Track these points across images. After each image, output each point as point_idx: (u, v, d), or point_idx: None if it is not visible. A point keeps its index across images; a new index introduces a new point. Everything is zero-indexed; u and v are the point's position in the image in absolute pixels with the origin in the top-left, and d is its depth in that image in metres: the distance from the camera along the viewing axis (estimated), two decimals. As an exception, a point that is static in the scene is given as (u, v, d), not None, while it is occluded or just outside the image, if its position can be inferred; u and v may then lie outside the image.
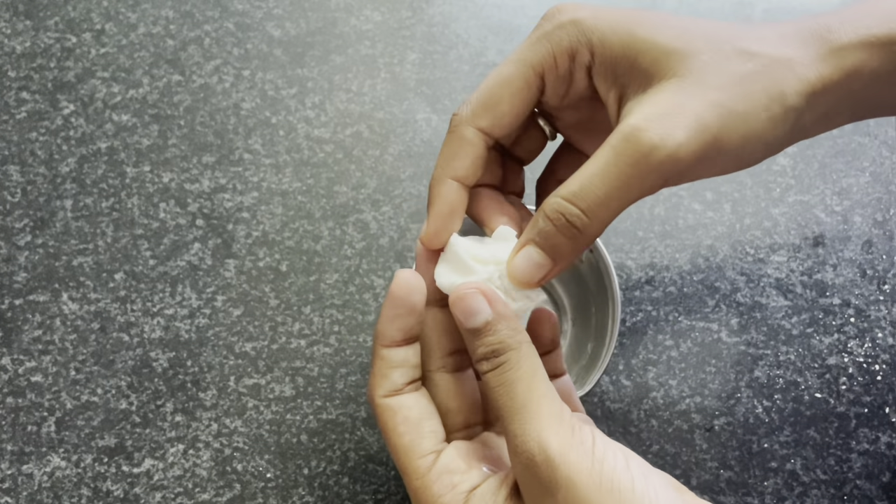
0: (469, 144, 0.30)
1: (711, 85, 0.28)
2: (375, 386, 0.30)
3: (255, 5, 0.52)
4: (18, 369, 0.43)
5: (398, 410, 0.29)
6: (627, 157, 0.27)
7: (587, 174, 0.28)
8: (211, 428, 0.42)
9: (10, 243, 0.46)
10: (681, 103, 0.27)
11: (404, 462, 0.29)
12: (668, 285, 0.46)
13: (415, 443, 0.29)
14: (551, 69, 0.30)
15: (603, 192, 0.27)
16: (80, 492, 0.41)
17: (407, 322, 0.30)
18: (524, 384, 0.27)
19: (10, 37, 0.51)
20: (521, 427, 0.26)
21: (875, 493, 0.42)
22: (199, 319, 0.45)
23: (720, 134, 0.27)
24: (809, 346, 0.45)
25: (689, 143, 0.27)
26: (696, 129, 0.27)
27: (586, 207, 0.28)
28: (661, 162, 0.27)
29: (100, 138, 0.48)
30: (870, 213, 0.48)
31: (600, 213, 0.28)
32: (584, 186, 0.28)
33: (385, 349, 0.30)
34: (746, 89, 0.28)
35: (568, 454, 0.25)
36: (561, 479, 0.25)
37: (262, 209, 0.47)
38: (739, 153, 0.28)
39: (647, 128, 0.27)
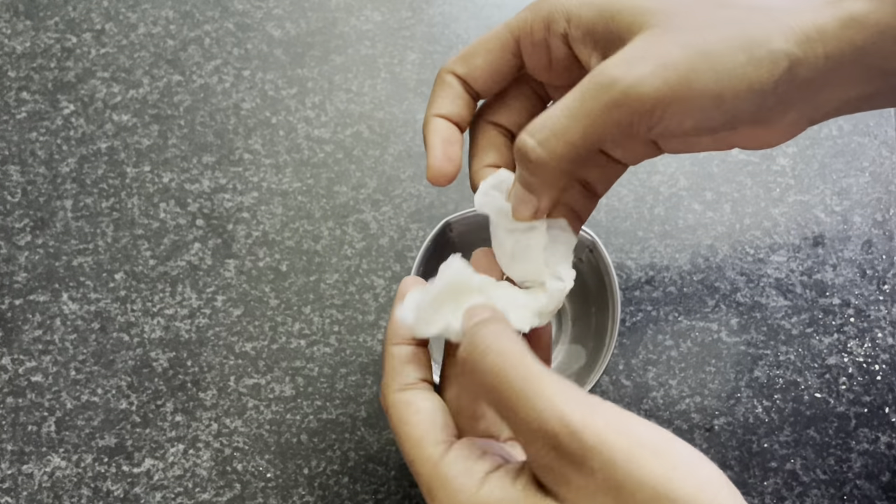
0: (448, 86, 0.32)
1: (683, 29, 0.28)
2: (388, 383, 0.29)
3: (255, 5, 0.52)
4: (18, 369, 0.43)
5: (411, 402, 0.29)
6: (588, 91, 0.27)
7: (552, 108, 0.28)
8: (211, 428, 0.42)
9: (10, 243, 0.46)
10: (647, 47, 0.28)
11: (415, 452, 0.28)
12: (668, 285, 0.46)
13: (427, 433, 0.28)
14: (527, 35, 0.31)
15: (560, 123, 0.28)
16: (80, 492, 0.41)
17: None
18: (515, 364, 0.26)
19: (10, 37, 0.51)
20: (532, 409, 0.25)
21: (875, 493, 0.42)
22: (200, 319, 0.45)
23: (690, 71, 0.27)
24: (809, 346, 0.45)
25: (653, 76, 0.27)
26: (660, 65, 0.27)
27: (542, 138, 0.28)
28: (621, 94, 0.27)
29: (100, 138, 0.48)
30: (870, 213, 0.48)
31: (557, 146, 0.28)
32: (543, 119, 0.28)
33: (396, 346, 0.30)
34: (721, 31, 0.27)
35: (591, 419, 0.24)
36: (593, 446, 0.23)
37: (262, 209, 0.47)
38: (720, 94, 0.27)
39: (611, 66, 0.27)
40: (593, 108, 0.27)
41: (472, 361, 0.26)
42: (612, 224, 0.47)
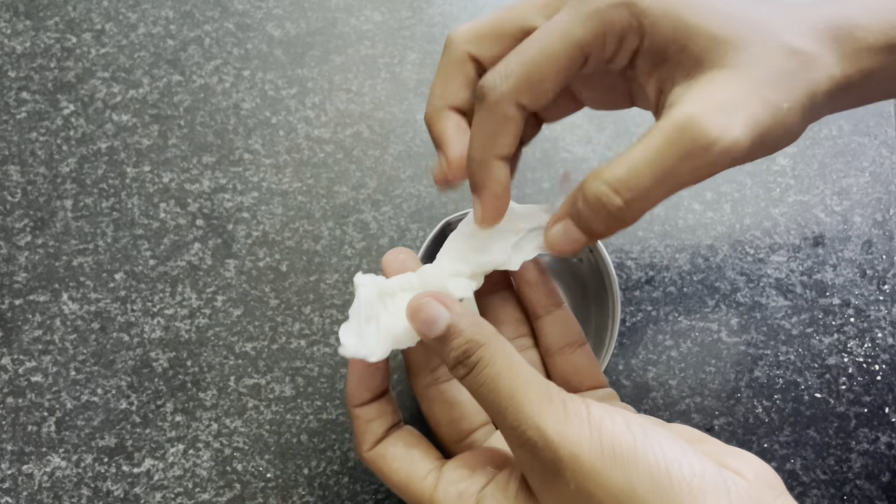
0: (512, 122, 0.29)
1: (762, 80, 0.27)
2: (360, 443, 0.31)
3: (255, 5, 0.52)
4: (18, 369, 0.43)
5: (385, 454, 0.30)
6: (681, 147, 0.26)
7: (635, 161, 0.26)
8: (211, 428, 0.42)
9: (10, 243, 0.46)
10: (736, 98, 0.27)
11: (409, 493, 0.29)
12: (668, 285, 0.46)
13: (410, 472, 0.29)
14: (599, 50, 0.28)
15: (648, 183, 0.26)
16: (80, 492, 0.41)
17: (372, 383, 0.31)
18: (504, 377, 0.27)
19: (10, 37, 0.51)
20: (514, 419, 0.26)
21: (875, 493, 0.42)
22: (199, 319, 0.45)
23: (767, 129, 0.27)
24: (809, 346, 0.45)
25: (745, 137, 0.26)
26: (751, 126, 0.26)
27: (630, 198, 0.26)
28: (717, 155, 0.26)
29: (100, 138, 0.48)
30: (870, 213, 0.48)
31: (641, 204, 0.27)
32: (631, 175, 0.26)
33: (358, 409, 0.31)
34: (790, 86, 0.27)
35: (565, 431, 0.25)
36: (564, 458, 0.25)
37: (262, 209, 0.47)
38: (772, 147, 0.28)
39: (706, 120, 0.26)
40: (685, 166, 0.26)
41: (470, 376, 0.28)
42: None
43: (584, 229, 0.28)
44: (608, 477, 0.25)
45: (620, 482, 0.24)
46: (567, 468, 0.25)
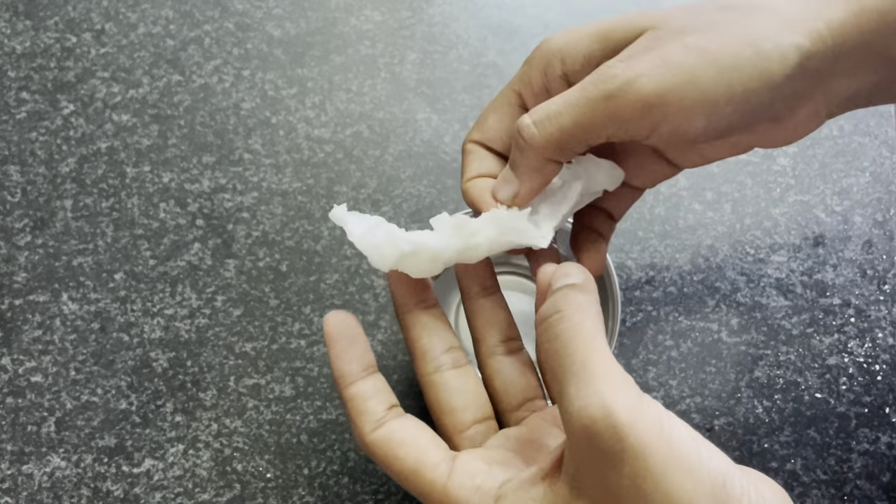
0: (472, 153, 0.34)
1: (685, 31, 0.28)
2: (360, 426, 0.29)
3: (255, 5, 0.52)
4: (18, 369, 0.43)
5: (391, 437, 0.28)
6: (587, 83, 0.28)
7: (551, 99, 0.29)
8: (211, 428, 0.42)
9: (10, 243, 0.46)
10: (649, 46, 0.28)
11: (417, 482, 0.27)
12: (668, 285, 0.46)
13: (420, 459, 0.27)
14: (527, 87, 0.32)
15: (557, 108, 0.29)
16: (80, 492, 0.41)
17: (357, 351, 0.30)
18: (583, 341, 0.25)
19: (10, 37, 0.51)
20: (581, 390, 0.24)
21: (875, 493, 0.42)
22: (199, 319, 0.45)
23: (693, 71, 0.27)
24: (809, 346, 0.45)
25: (652, 72, 0.27)
26: (660, 63, 0.27)
27: (537, 119, 0.29)
28: (618, 88, 0.27)
29: (100, 138, 0.48)
30: (870, 213, 0.48)
31: (549, 128, 0.29)
32: (544, 106, 0.29)
33: (351, 388, 0.29)
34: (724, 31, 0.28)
35: (637, 420, 0.23)
36: (629, 449, 0.23)
37: (262, 209, 0.47)
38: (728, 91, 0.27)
39: (612, 63, 0.28)
40: (589, 97, 0.28)
41: (548, 322, 0.26)
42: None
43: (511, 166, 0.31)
44: (671, 479, 0.23)
45: (681, 487, 0.23)
46: (629, 461, 0.23)
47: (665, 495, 0.22)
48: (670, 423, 0.24)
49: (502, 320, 0.33)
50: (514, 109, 0.33)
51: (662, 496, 0.22)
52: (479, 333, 0.33)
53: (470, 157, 0.34)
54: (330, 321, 0.30)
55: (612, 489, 0.23)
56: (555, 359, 0.25)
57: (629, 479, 0.23)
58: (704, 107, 0.28)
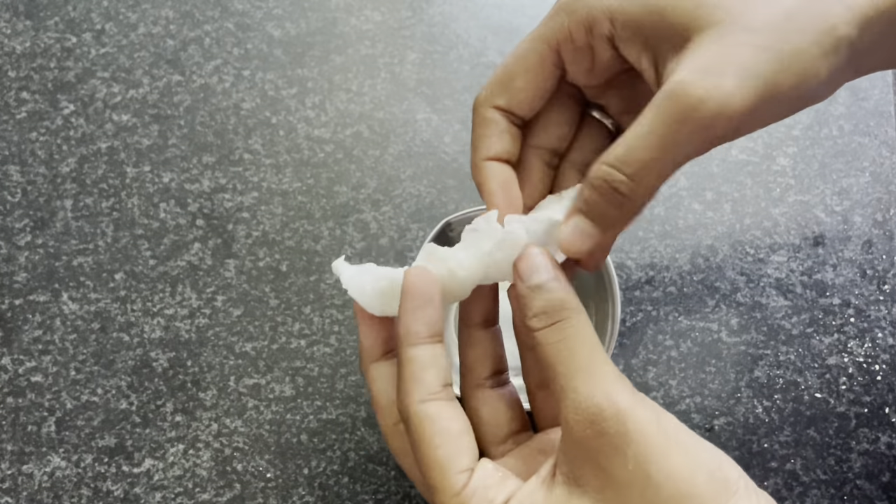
0: (493, 123, 0.29)
1: (754, 28, 0.25)
2: (409, 391, 0.27)
3: (255, 5, 0.52)
4: (18, 369, 0.43)
5: (437, 420, 0.27)
6: (672, 115, 0.25)
7: (631, 137, 0.26)
8: (211, 428, 0.42)
9: (10, 243, 0.46)
10: (724, 53, 0.25)
11: (437, 477, 0.26)
12: (668, 285, 0.46)
13: (451, 458, 0.27)
14: (566, 42, 0.28)
15: (649, 154, 0.26)
16: (80, 492, 0.41)
17: (430, 314, 0.28)
18: (586, 343, 0.26)
19: (10, 37, 0.51)
20: (586, 382, 0.25)
21: (875, 493, 0.42)
22: (199, 319, 0.45)
23: (774, 79, 0.25)
24: (809, 346, 0.45)
25: (740, 92, 0.25)
26: (745, 77, 0.25)
27: (632, 173, 0.26)
28: (709, 116, 0.25)
29: (100, 138, 0.48)
30: (870, 213, 0.48)
31: (647, 178, 0.26)
32: (630, 150, 0.26)
33: (413, 349, 0.27)
34: (793, 26, 0.25)
35: (635, 409, 0.25)
36: (631, 433, 0.24)
37: (262, 209, 0.47)
38: (797, 95, 0.26)
39: (692, 82, 0.25)
40: (682, 133, 0.25)
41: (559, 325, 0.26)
42: (612, 224, 0.47)
43: (596, 219, 0.28)
44: (671, 461, 0.24)
45: (682, 468, 0.24)
46: (632, 444, 0.24)
47: (667, 476, 0.24)
48: (665, 417, 0.26)
49: (497, 355, 0.31)
50: (548, 70, 0.29)
51: (665, 477, 0.24)
52: (471, 364, 0.31)
53: (489, 129, 0.30)
54: (411, 274, 0.28)
55: (616, 475, 0.24)
56: (560, 355, 0.26)
57: (634, 461, 0.24)
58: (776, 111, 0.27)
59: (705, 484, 0.24)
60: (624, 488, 0.24)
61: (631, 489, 0.24)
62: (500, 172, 0.30)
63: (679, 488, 0.24)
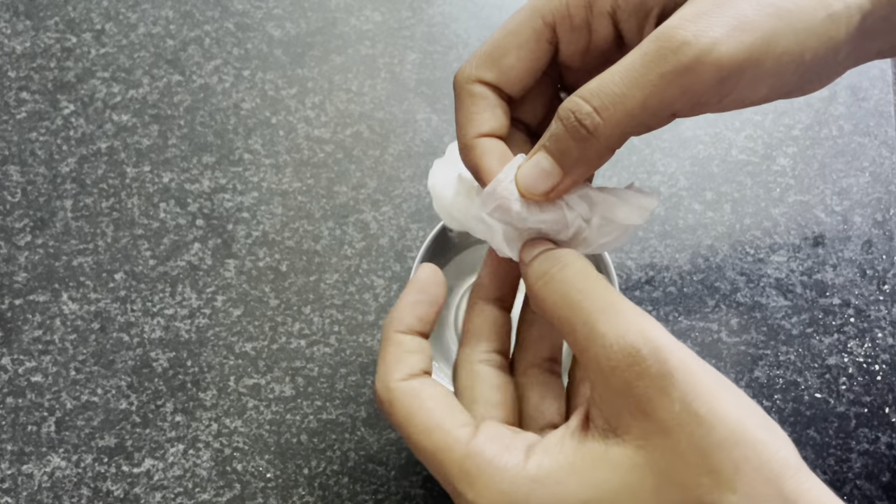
0: (482, 98, 0.28)
1: None
2: (390, 371, 0.26)
3: (255, 5, 0.52)
4: (18, 369, 0.43)
5: (421, 390, 0.26)
6: (652, 54, 0.24)
7: (607, 73, 0.24)
8: (211, 428, 0.42)
9: (10, 243, 0.46)
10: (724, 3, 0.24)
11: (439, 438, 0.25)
12: (668, 285, 0.46)
13: (447, 416, 0.25)
14: (564, 19, 0.27)
15: (620, 90, 0.24)
16: (80, 492, 0.41)
17: (427, 311, 0.28)
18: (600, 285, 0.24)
19: (10, 37, 0.51)
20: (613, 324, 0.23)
21: (875, 493, 0.42)
22: (199, 319, 0.45)
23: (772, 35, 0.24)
24: (809, 346, 0.45)
25: (729, 40, 0.23)
26: (737, 27, 0.23)
27: (599, 105, 0.24)
28: (690, 60, 0.23)
29: (100, 138, 0.48)
30: (870, 213, 0.48)
31: (615, 115, 0.24)
32: (602, 84, 0.24)
33: (400, 334, 0.27)
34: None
35: (675, 344, 0.22)
36: (676, 371, 0.22)
37: (262, 209, 0.47)
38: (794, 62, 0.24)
39: (680, 25, 0.23)
40: (659, 74, 0.24)
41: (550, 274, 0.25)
42: (612, 224, 0.47)
43: (557, 155, 0.26)
44: (721, 401, 0.21)
45: (732, 410, 0.21)
46: (678, 382, 0.21)
47: (719, 417, 0.21)
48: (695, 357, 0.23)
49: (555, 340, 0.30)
50: (542, 46, 0.27)
51: (716, 418, 0.21)
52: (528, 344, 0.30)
53: (474, 105, 0.28)
54: (422, 270, 0.28)
55: (661, 419, 0.22)
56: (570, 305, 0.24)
57: (680, 402, 0.21)
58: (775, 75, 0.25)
59: (756, 427, 0.21)
60: (670, 432, 0.21)
61: (678, 433, 0.21)
62: (497, 148, 0.28)
63: (732, 430, 0.21)
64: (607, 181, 0.48)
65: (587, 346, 0.23)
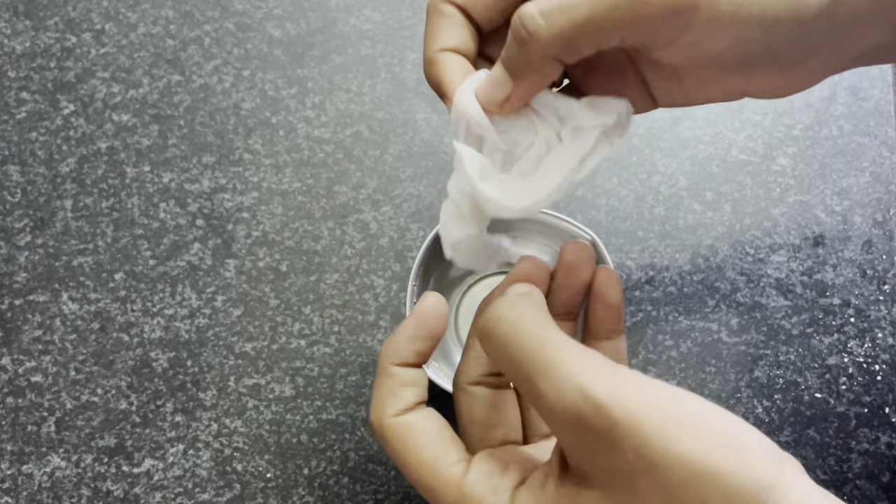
0: (450, 17, 0.28)
1: None
2: (384, 405, 0.27)
3: (255, 5, 0.52)
4: (18, 369, 0.43)
5: (414, 426, 0.26)
6: None
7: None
8: (211, 428, 0.42)
9: (10, 243, 0.46)
10: None
11: (431, 477, 0.25)
12: (668, 285, 0.46)
13: (439, 454, 0.26)
14: None
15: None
16: (80, 492, 0.41)
17: (425, 346, 0.28)
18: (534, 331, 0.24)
19: (10, 37, 0.51)
20: (551, 383, 0.22)
21: (875, 493, 0.42)
22: (199, 319, 0.45)
23: None
24: (809, 346, 0.45)
25: None
26: None
27: (545, 9, 0.24)
28: None
29: (100, 138, 0.48)
30: (870, 214, 0.48)
31: (559, 20, 0.24)
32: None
33: (396, 367, 0.27)
34: None
35: (617, 391, 0.22)
36: (621, 422, 0.21)
37: (262, 209, 0.47)
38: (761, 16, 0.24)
39: None
40: None
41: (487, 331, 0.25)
42: (612, 224, 0.47)
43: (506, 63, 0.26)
44: (676, 441, 0.21)
45: (687, 446, 0.21)
46: (626, 435, 0.21)
47: (674, 458, 0.21)
48: (654, 388, 0.22)
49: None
50: None
51: (671, 460, 0.21)
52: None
53: (442, 21, 0.28)
54: (425, 302, 0.28)
55: (620, 469, 0.22)
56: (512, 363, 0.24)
57: (633, 451, 0.21)
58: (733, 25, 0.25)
59: (719, 457, 0.21)
60: (632, 480, 0.22)
61: (638, 478, 0.21)
62: (459, 63, 0.28)
63: (691, 468, 0.21)
64: (608, 180, 0.48)
65: (535, 402, 0.23)
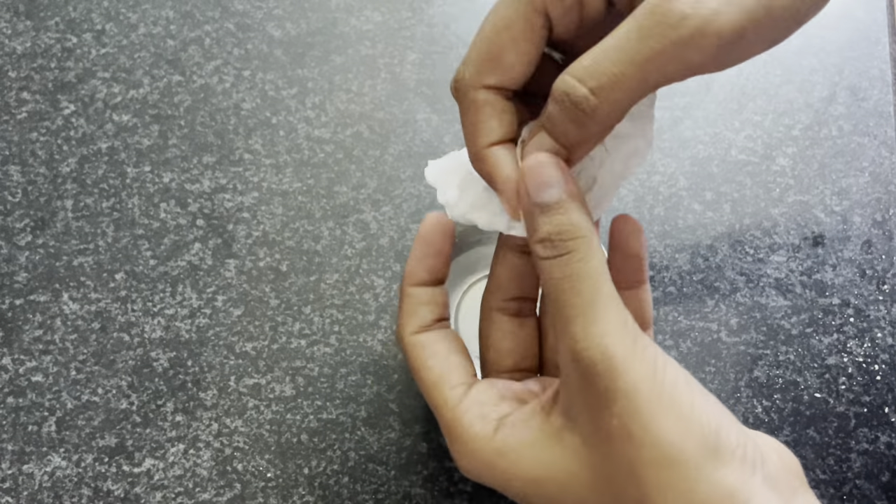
0: (488, 105, 0.27)
1: None
2: (404, 324, 0.29)
3: (256, 6, 0.52)
4: (19, 369, 0.43)
5: (427, 346, 0.29)
6: (649, 29, 0.23)
7: (600, 50, 0.24)
8: (211, 428, 0.42)
9: (11, 243, 0.46)
10: None
11: (435, 395, 0.28)
12: (668, 285, 0.46)
13: (444, 375, 0.28)
14: (554, 1, 0.26)
15: (617, 69, 0.23)
16: (80, 492, 0.41)
17: (434, 263, 0.30)
18: (592, 281, 0.25)
19: (10, 37, 0.51)
20: (584, 330, 0.24)
21: (875, 493, 0.42)
22: (200, 319, 0.45)
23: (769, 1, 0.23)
24: (809, 346, 0.45)
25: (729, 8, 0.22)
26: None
27: (596, 87, 0.24)
28: (690, 34, 0.22)
29: (100, 138, 0.49)
30: (869, 213, 0.48)
31: (612, 94, 0.24)
32: (597, 62, 0.24)
33: (412, 287, 0.30)
34: None
35: (631, 363, 0.23)
36: (621, 390, 0.23)
37: (262, 209, 0.47)
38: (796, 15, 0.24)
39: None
40: (657, 49, 0.23)
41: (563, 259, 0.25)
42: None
43: (558, 137, 0.25)
44: (658, 423, 0.23)
45: (669, 432, 0.23)
46: (618, 402, 0.23)
47: (653, 438, 0.23)
48: (664, 369, 0.24)
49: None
50: (538, 34, 0.26)
51: (651, 439, 0.23)
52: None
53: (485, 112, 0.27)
54: (427, 221, 0.29)
55: (603, 427, 0.24)
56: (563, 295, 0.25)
57: (618, 418, 0.23)
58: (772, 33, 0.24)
59: (693, 450, 0.23)
60: (609, 440, 0.24)
61: (614, 443, 0.23)
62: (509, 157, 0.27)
63: (663, 452, 0.23)
64: (607, 181, 0.48)
65: (561, 338, 0.25)
